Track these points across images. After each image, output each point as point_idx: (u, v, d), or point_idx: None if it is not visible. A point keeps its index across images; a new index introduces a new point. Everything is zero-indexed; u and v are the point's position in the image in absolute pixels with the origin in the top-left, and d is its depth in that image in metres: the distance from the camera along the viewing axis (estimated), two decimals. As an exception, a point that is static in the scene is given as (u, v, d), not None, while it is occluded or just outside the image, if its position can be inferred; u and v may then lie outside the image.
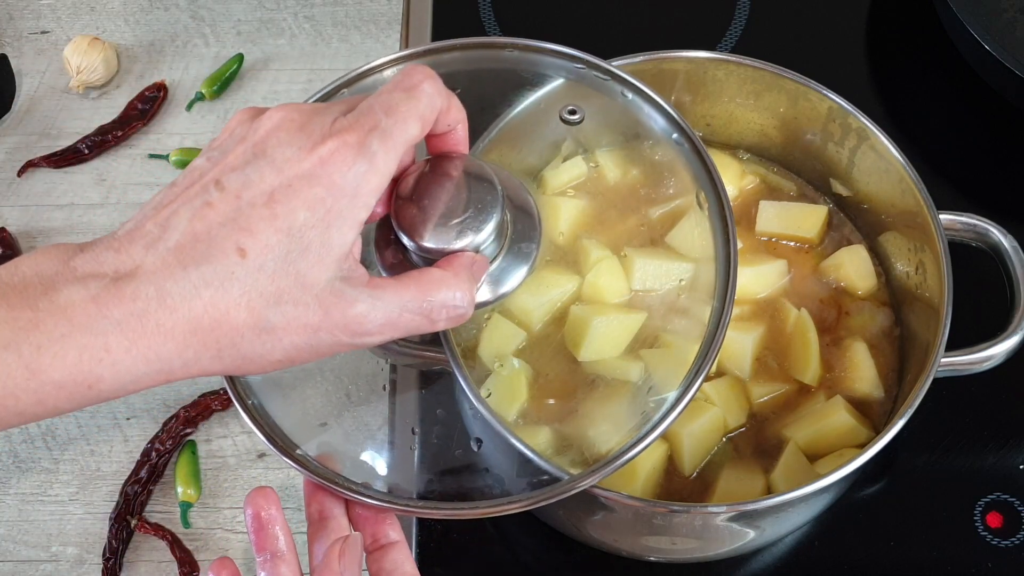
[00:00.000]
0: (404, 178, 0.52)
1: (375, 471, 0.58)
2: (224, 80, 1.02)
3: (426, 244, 0.50)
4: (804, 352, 0.71)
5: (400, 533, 0.56)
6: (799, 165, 0.80)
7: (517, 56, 0.63)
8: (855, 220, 0.78)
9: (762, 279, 0.74)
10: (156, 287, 0.44)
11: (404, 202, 0.51)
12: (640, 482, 0.67)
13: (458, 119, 0.52)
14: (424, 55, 0.62)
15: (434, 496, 0.57)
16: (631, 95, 0.63)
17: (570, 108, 0.65)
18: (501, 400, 0.62)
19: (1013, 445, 0.76)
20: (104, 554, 0.79)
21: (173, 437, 0.83)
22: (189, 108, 1.01)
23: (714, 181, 0.60)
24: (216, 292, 0.44)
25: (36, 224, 0.95)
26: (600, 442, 0.58)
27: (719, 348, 0.55)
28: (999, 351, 0.67)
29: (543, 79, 0.64)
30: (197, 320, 0.44)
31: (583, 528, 0.70)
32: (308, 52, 1.05)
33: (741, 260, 0.58)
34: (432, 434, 0.60)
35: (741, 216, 0.77)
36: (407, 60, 0.62)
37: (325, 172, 0.45)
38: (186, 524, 0.81)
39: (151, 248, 0.45)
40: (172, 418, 0.84)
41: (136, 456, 0.83)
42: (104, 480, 0.83)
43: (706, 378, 0.55)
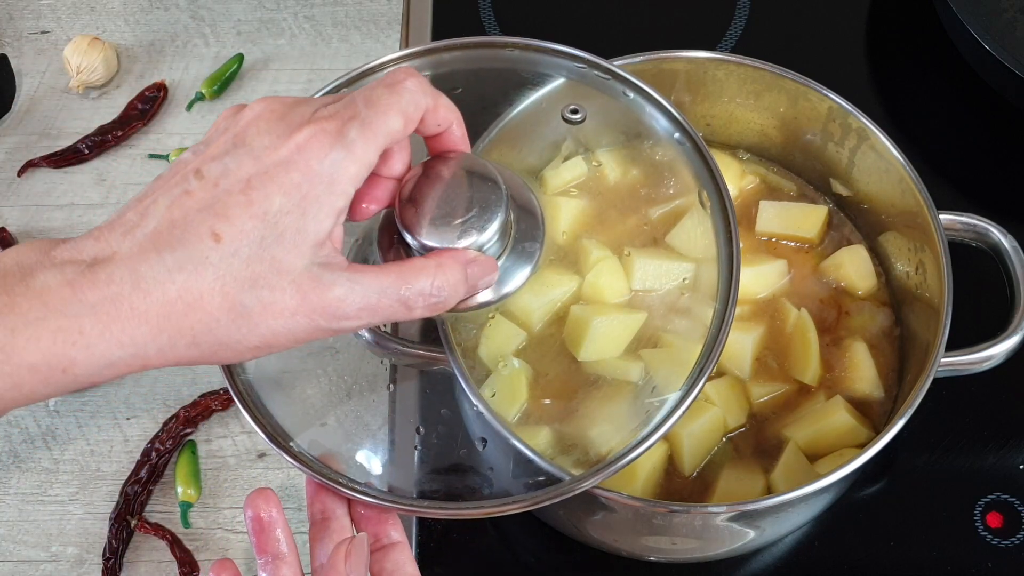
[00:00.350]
0: (408, 177, 0.52)
1: (375, 471, 0.58)
2: (224, 80, 1.02)
3: (429, 243, 0.50)
4: (804, 352, 0.71)
5: (402, 533, 0.56)
6: (799, 165, 0.80)
7: (517, 55, 0.63)
8: (855, 220, 0.78)
9: (762, 279, 0.74)
10: (130, 271, 0.44)
11: (408, 201, 0.51)
12: (640, 482, 0.67)
13: (449, 119, 0.52)
14: (424, 55, 0.62)
15: (435, 496, 0.57)
16: (632, 94, 0.62)
17: (572, 107, 0.65)
18: (501, 400, 0.62)
19: (1013, 445, 0.76)
20: (104, 554, 0.79)
21: (173, 437, 0.83)
22: (189, 108, 1.01)
23: (716, 180, 0.59)
24: (190, 276, 0.44)
25: (36, 224, 0.95)
26: (601, 442, 0.58)
27: (722, 348, 0.55)
28: (999, 351, 0.67)
29: (543, 79, 0.64)
30: (171, 304, 0.44)
31: (583, 528, 0.70)
32: (308, 52, 1.05)
33: (742, 260, 0.58)
34: (433, 434, 0.60)
35: (741, 216, 0.77)
36: (407, 60, 0.62)
37: (302, 158, 0.45)
38: (186, 524, 0.81)
39: (128, 235, 0.45)
40: (172, 418, 0.84)
41: (136, 456, 0.83)
42: (104, 480, 0.83)
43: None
